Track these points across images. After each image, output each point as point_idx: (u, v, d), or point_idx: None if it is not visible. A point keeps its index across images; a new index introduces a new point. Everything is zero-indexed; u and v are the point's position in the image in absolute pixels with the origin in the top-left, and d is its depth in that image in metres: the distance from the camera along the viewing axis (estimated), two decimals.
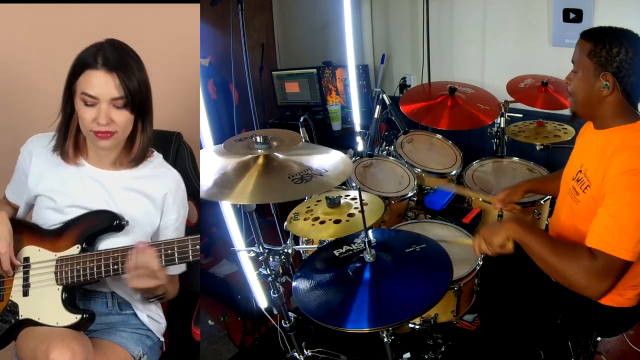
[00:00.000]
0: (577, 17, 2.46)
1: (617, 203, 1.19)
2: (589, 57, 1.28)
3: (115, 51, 1.27)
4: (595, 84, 1.29)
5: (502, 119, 2.34)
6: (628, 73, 1.24)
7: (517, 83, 2.43)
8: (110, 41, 1.29)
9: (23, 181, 1.41)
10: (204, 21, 1.96)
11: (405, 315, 1.19)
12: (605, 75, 1.26)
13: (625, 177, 1.19)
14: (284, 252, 1.56)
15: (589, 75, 1.30)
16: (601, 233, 1.19)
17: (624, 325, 1.49)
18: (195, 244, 1.27)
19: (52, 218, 1.35)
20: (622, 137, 1.29)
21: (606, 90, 1.27)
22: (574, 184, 1.40)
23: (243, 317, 2.36)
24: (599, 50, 1.26)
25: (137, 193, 1.39)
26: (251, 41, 3.27)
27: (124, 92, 1.26)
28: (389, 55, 3.52)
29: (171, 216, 1.43)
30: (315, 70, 3.55)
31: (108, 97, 1.25)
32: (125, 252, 1.27)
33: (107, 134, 1.28)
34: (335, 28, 3.24)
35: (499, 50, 2.93)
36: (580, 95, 1.35)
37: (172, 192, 1.42)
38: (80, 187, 1.36)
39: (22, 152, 1.42)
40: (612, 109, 1.30)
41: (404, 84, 3.43)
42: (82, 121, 1.28)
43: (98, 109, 1.26)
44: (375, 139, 2.32)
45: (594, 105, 1.33)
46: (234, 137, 1.49)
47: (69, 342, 1.18)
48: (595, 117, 1.37)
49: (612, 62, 1.25)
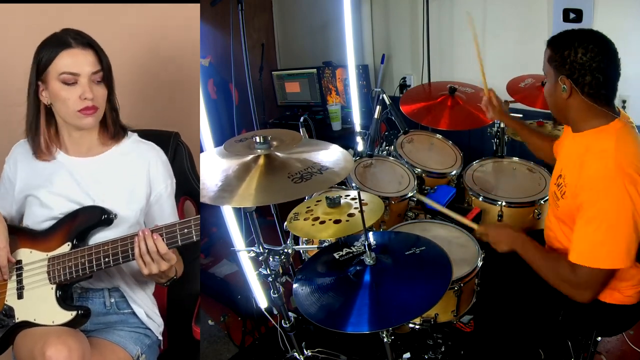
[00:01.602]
0: (577, 17, 2.46)
1: (590, 211, 1.21)
2: (549, 62, 1.31)
3: (78, 32, 1.31)
4: (557, 89, 1.31)
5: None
6: (581, 73, 1.24)
7: (517, 83, 2.42)
8: (66, 29, 1.32)
9: (9, 192, 1.42)
10: (204, 21, 1.96)
11: (405, 318, 1.20)
12: (562, 78, 1.27)
13: (596, 183, 1.21)
14: (284, 252, 1.55)
15: (552, 81, 1.33)
16: (579, 246, 1.24)
17: (624, 324, 1.50)
18: (197, 224, 1.25)
19: (40, 214, 1.36)
20: (590, 141, 1.29)
21: (565, 93, 1.28)
22: (555, 189, 1.41)
23: (243, 317, 2.36)
24: (554, 54, 1.28)
25: (120, 173, 1.39)
26: (251, 41, 3.28)
27: (101, 66, 1.31)
28: (389, 55, 3.52)
29: (160, 186, 1.42)
30: (315, 70, 3.55)
31: (89, 72, 1.29)
32: (116, 243, 1.27)
33: (92, 110, 1.31)
34: (335, 28, 3.24)
35: (499, 50, 2.92)
36: (549, 101, 1.38)
37: (153, 164, 1.41)
38: (62, 179, 1.37)
39: (7, 161, 1.43)
40: (579, 112, 1.31)
41: (404, 84, 3.43)
42: (65, 103, 1.29)
43: (81, 85, 1.28)
44: (375, 139, 2.32)
45: (562, 110, 1.35)
46: (234, 138, 1.49)
47: (65, 338, 1.18)
48: (568, 121, 1.38)
49: (564, 65, 1.26)
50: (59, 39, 1.30)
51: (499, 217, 2.02)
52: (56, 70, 1.28)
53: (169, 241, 1.25)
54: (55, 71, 1.28)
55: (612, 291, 1.39)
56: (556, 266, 1.31)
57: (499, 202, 2.01)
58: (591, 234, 1.21)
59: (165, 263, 1.25)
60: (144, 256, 1.23)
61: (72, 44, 1.28)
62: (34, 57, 1.31)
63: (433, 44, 3.08)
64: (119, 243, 1.27)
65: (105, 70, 1.33)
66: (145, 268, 1.24)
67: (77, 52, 1.28)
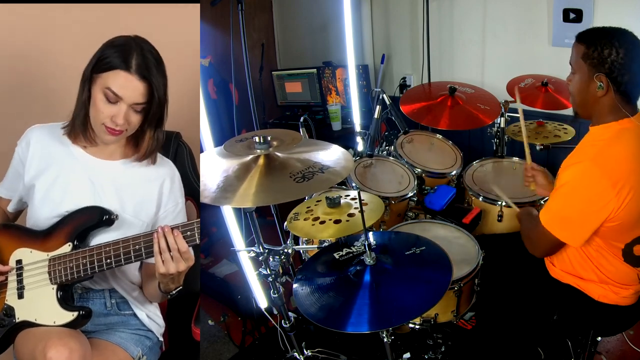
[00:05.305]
0: (577, 17, 2.46)
1: (570, 184, 1.30)
2: (583, 59, 1.31)
3: (147, 55, 1.26)
4: (590, 85, 1.32)
5: (502, 119, 2.34)
6: (621, 73, 1.26)
7: (517, 83, 2.42)
8: (140, 41, 1.29)
9: (20, 172, 1.40)
10: (204, 21, 1.96)
11: (405, 318, 1.20)
12: (599, 76, 1.29)
13: (584, 164, 1.29)
14: (284, 252, 1.56)
15: (585, 77, 1.33)
16: (549, 209, 1.37)
17: (622, 325, 1.51)
18: (198, 227, 1.24)
19: (46, 208, 1.35)
20: (600, 133, 1.34)
21: (601, 91, 1.30)
22: None
23: (243, 317, 2.36)
24: (591, 52, 1.29)
25: (133, 182, 1.38)
26: (251, 41, 3.27)
27: (147, 99, 1.28)
28: (389, 55, 3.52)
29: (170, 204, 1.42)
30: (315, 70, 3.55)
31: (132, 101, 1.26)
32: (117, 245, 1.26)
33: (118, 132, 1.30)
34: (335, 28, 3.24)
35: (499, 50, 2.92)
36: (579, 97, 1.38)
37: (168, 183, 1.42)
38: (75, 175, 1.36)
39: (20, 143, 1.41)
40: (606, 108, 1.33)
41: (404, 84, 3.43)
42: (97, 114, 1.28)
43: (118, 108, 1.26)
44: (375, 139, 2.32)
45: (591, 106, 1.36)
46: (234, 138, 1.49)
47: (66, 340, 1.18)
48: (592, 116, 1.40)
49: (604, 64, 1.27)
50: (125, 52, 1.25)
51: (499, 217, 2.02)
52: (105, 82, 1.25)
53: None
54: (104, 82, 1.25)
55: (606, 292, 1.41)
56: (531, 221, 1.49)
57: (499, 202, 2.01)
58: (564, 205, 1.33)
59: (183, 263, 1.22)
60: (163, 253, 1.21)
61: (132, 69, 1.24)
62: (98, 51, 1.27)
63: (433, 44, 3.08)
64: (120, 244, 1.26)
65: (153, 104, 1.29)
66: (162, 266, 1.21)
67: (132, 79, 1.24)
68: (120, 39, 1.28)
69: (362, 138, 2.55)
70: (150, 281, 1.39)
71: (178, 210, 1.44)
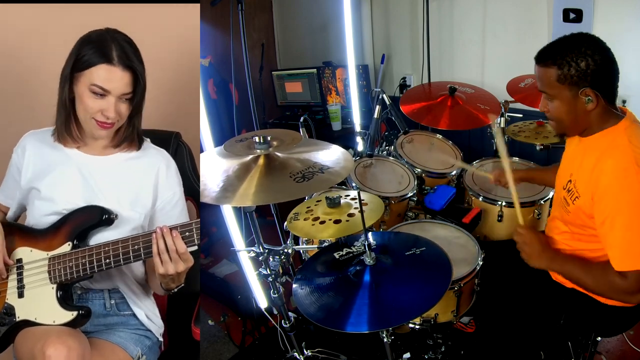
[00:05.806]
0: (577, 17, 2.46)
1: (619, 214, 1.19)
2: (560, 82, 1.24)
3: (125, 45, 1.27)
4: (578, 104, 1.25)
5: (502, 119, 2.34)
6: (603, 78, 1.22)
7: (517, 83, 2.42)
8: (113, 32, 1.29)
9: (16, 179, 1.41)
10: (204, 21, 1.96)
11: (405, 318, 1.20)
12: (585, 91, 1.22)
13: (617, 181, 1.20)
14: (284, 252, 1.56)
15: (568, 99, 1.26)
16: (620, 252, 1.20)
17: (624, 325, 1.50)
18: (197, 228, 1.24)
19: (44, 208, 1.35)
20: (603, 142, 1.28)
21: (591, 104, 1.24)
22: (565, 194, 1.39)
23: (243, 317, 2.36)
24: (567, 71, 1.22)
25: (127, 175, 1.38)
26: (251, 41, 3.27)
27: (133, 88, 1.29)
28: (389, 55, 3.52)
29: (167, 193, 1.41)
30: (315, 70, 3.55)
31: (120, 93, 1.27)
32: (117, 244, 1.26)
33: (110, 125, 1.31)
34: (335, 28, 3.24)
35: (499, 50, 2.92)
36: (568, 119, 1.31)
37: (163, 170, 1.41)
38: (70, 173, 1.37)
39: (16, 150, 1.42)
40: (598, 117, 1.28)
41: (404, 84, 3.43)
42: (86, 109, 1.28)
43: (107, 101, 1.27)
44: (375, 139, 2.32)
45: (583, 121, 1.30)
46: (234, 138, 1.49)
47: (65, 338, 1.19)
48: (584, 129, 1.34)
49: (586, 77, 1.21)
50: (103, 45, 1.25)
51: (499, 217, 2.02)
52: (89, 79, 1.25)
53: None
54: (88, 79, 1.25)
55: None
56: (603, 276, 1.25)
57: (499, 202, 2.01)
58: (628, 237, 1.19)
59: (182, 264, 1.23)
60: (162, 254, 1.21)
61: (114, 61, 1.24)
62: (74, 50, 1.28)
63: (433, 44, 3.08)
64: (119, 244, 1.26)
65: (137, 93, 1.31)
66: (161, 267, 1.22)
67: (116, 71, 1.25)
68: (93, 33, 1.29)
69: (362, 138, 2.55)
70: (154, 276, 1.39)
71: (176, 200, 1.43)
